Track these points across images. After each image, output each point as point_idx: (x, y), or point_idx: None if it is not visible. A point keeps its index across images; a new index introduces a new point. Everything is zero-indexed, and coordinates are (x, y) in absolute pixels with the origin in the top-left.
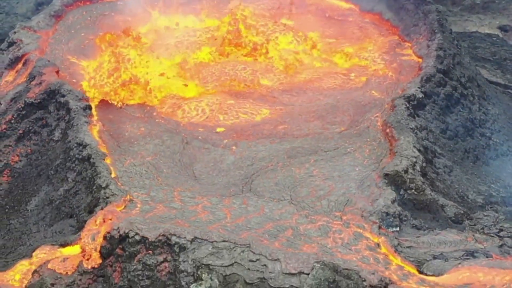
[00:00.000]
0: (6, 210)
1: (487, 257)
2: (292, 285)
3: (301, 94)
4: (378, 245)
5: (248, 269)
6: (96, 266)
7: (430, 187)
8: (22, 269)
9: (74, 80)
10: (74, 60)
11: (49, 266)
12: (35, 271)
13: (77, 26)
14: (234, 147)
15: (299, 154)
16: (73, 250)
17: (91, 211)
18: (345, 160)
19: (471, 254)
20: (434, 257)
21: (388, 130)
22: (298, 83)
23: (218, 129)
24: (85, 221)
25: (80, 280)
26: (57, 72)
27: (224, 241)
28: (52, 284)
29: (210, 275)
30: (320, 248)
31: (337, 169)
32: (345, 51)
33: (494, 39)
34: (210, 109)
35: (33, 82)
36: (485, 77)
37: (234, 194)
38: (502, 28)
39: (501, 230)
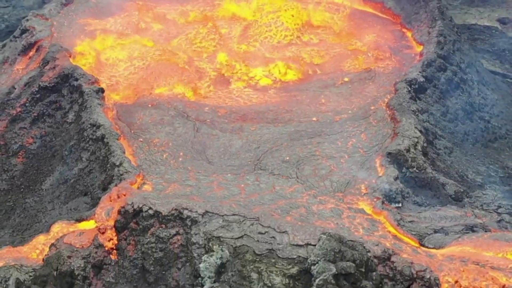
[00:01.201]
0: (22, 190)
1: (486, 231)
2: (299, 256)
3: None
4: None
5: (257, 241)
6: (111, 239)
7: (431, 166)
8: (39, 243)
9: None
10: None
11: (66, 240)
12: (52, 245)
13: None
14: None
15: (302, 137)
16: (88, 225)
17: (105, 188)
18: (349, 142)
19: (470, 229)
20: (435, 231)
21: (390, 112)
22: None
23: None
24: (99, 198)
25: (95, 253)
26: (70, 56)
27: (234, 214)
28: (69, 257)
29: (221, 246)
30: (327, 221)
31: (341, 150)
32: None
33: (493, 31)
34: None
35: (47, 67)
36: (485, 67)
37: (248, 172)
38: (501, 21)
39: (499, 207)
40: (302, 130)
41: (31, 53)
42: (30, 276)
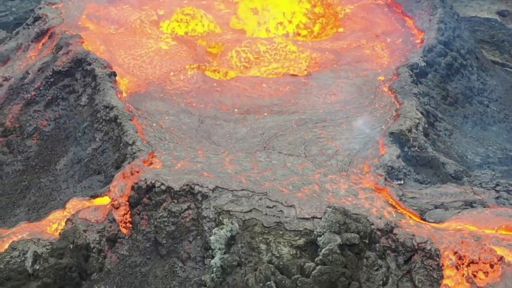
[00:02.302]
0: (37, 170)
1: (484, 207)
2: (306, 228)
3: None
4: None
5: (266, 214)
6: (124, 214)
7: (432, 146)
8: (56, 218)
9: None
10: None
11: (81, 215)
12: (68, 220)
13: None
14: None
15: (307, 123)
16: (103, 201)
17: (118, 167)
18: (353, 125)
19: (469, 205)
20: (436, 207)
21: (393, 96)
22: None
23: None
24: (112, 176)
25: (110, 227)
26: (82, 42)
27: (243, 189)
28: (85, 231)
29: (230, 220)
30: (334, 195)
31: (345, 133)
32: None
33: (493, 23)
34: None
35: (60, 52)
36: (484, 55)
37: (258, 151)
38: (500, 13)
39: (497, 185)
40: (307, 118)
41: (44, 40)
42: (47, 249)
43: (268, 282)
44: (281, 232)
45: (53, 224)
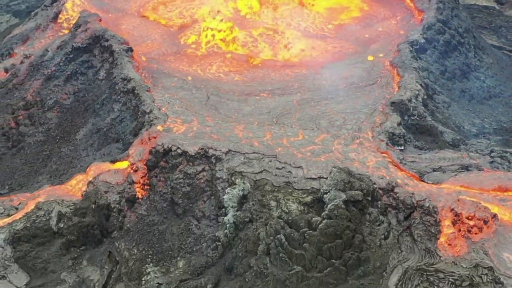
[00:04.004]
0: (57, 140)
1: (479, 170)
2: (313, 187)
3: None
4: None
5: (275, 175)
6: (143, 177)
7: (431, 116)
8: (78, 181)
9: None
10: None
11: (102, 178)
12: (90, 182)
13: None
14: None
15: (309, 102)
16: (122, 165)
17: (136, 134)
18: (356, 101)
19: (465, 168)
20: (434, 170)
21: (393, 70)
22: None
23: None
24: (130, 143)
25: (129, 188)
26: (100, 20)
27: (254, 152)
28: (106, 192)
29: (242, 180)
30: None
31: (348, 107)
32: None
33: (491, 10)
34: None
35: (79, 30)
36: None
37: (270, 124)
38: (498, 1)
39: (492, 151)
40: (308, 97)
41: (61, 20)
42: (71, 209)
43: (278, 236)
44: (290, 190)
45: (76, 187)
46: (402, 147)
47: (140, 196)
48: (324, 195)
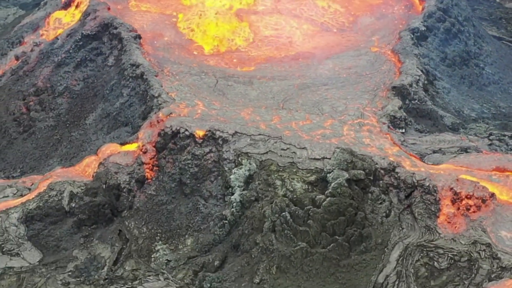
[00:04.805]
0: (67, 125)
1: (478, 152)
2: (317, 167)
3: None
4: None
5: (280, 155)
6: (152, 158)
7: (431, 101)
8: (89, 162)
9: None
10: None
11: (112, 159)
12: (100, 163)
13: None
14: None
15: (310, 86)
16: (132, 147)
17: (145, 118)
18: (356, 87)
19: (465, 150)
20: (434, 152)
21: (395, 57)
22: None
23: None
24: (139, 127)
25: (138, 169)
26: (109, 9)
27: (259, 134)
28: (116, 173)
29: (248, 160)
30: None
31: (349, 93)
32: None
33: (491, 2)
34: None
35: (88, 18)
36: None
37: (277, 109)
38: None
39: (490, 134)
40: (309, 82)
41: (71, 8)
42: (82, 189)
43: (283, 213)
44: (294, 170)
45: (87, 168)
46: (403, 130)
47: (149, 177)
48: (328, 174)
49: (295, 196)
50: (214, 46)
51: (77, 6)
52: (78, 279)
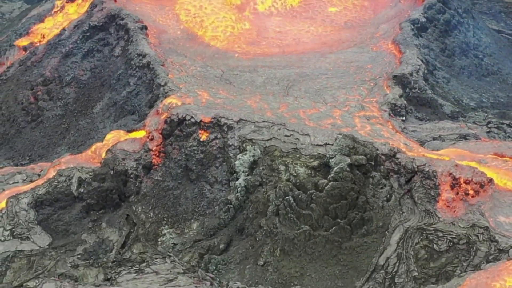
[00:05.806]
0: (75, 114)
1: (477, 139)
2: (319, 153)
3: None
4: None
5: (284, 142)
6: (158, 145)
7: (431, 90)
8: (97, 149)
9: None
10: None
11: (119, 146)
12: (108, 150)
13: None
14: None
15: (310, 75)
16: (139, 134)
17: (151, 106)
18: (356, 77)
19: (464, 137)
20: (434, 139)
21: (395, 47)
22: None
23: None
24: (146, 115)
25: (145, 156)
26: (115, 0)
27: (264, 121)
28: (123, 159)
29: (253, 146)
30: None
31: (349, 83)
32: None
33: None
34: None
35: (95, 9)
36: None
37: (283, 96)
38: None
39: (489, 122)
40: (309, 72)
41: (78, 0)
42: (90, 175)
43: (287, 197)
44: (297, 155)
45: (95, 155)
46: (404, 118)
47: (156, 163)
48: (330, 160)
49: (298, 180)
50: (218, 36)
51: None
52: (87, 261)
